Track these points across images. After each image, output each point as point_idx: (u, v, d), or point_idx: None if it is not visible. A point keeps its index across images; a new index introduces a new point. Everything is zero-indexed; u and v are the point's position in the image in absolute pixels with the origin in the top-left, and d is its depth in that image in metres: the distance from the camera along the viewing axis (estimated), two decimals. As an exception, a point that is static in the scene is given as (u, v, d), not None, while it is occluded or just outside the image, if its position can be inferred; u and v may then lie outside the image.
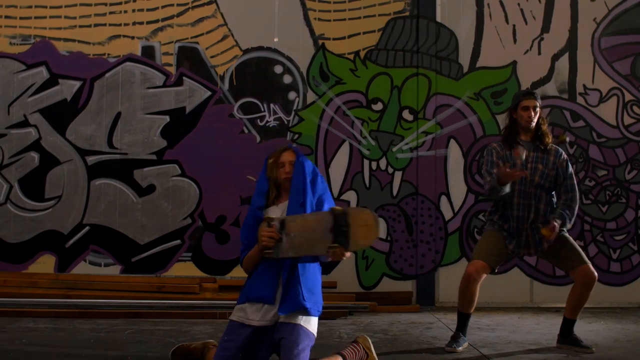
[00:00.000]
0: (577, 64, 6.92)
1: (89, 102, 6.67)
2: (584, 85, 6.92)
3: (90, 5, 6.75)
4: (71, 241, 6.64)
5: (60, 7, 6.74)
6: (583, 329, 5.82)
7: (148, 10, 6.76)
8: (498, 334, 5.56)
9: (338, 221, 3.58)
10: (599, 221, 6.90)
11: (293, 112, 6.76)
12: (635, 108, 6.95)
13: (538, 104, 4.81)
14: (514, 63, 6.88)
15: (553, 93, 6.90)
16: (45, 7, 6.74)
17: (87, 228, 6.66)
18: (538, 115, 4.82)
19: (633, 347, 5.15)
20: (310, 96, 6.77)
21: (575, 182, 4.84)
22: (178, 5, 6.77)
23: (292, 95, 6.78)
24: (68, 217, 6.66)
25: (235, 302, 6.32)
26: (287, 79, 6.78)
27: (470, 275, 4.74)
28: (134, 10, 6.75)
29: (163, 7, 6.76)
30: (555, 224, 4.65)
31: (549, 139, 4.85)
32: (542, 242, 4.76)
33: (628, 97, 6.94)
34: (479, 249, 4.87)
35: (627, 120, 6.94)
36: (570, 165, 4.86)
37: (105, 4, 6.75)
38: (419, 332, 5.63)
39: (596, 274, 4.73)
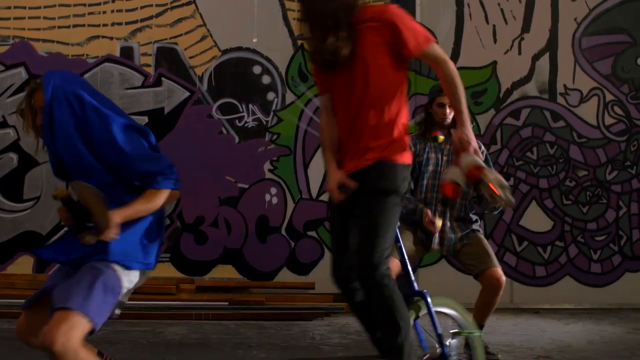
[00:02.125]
0: (558, 64, 6.90)
1: (68, 103, 6.65)
2: (565, 86, 6.89)
3: (69, 6, 6.74)
4: (50, 242, 6.64)
5: (39, 7, 6.73)
6: (559, 330, 5.81)
7: (127, 10, 6.75)
8: (472, 336, 5.53)
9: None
10: (580, 222, 6.88)
11: (272, 113, 6.76)
12: (616, 108, 6.93)
13: None
14: (494, 63, 6.86)
15: (533, 93, 6.88)
16: (24, 7, 6.73)
17: (65, 229, 6.63)
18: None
19: (607, 349, 5.13)
20: (289, 97, 6.76)
21: None
22: (157, 5, 6.76)
23: (270, 95, 6.77)
24: (47, 217, 6.65)
25: (213, 302, 6.34)
26: (266, 80, 6.77)
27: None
28: (112, 11, 6.74)
29: (142, 7, 6.76)
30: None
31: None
32: (457, 241, 4.65)
33: (609, 97, 6.92)
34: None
35: (608, 120, 6.92)
36: (489, 158, 4.82)
37: (84, 5, 6.74)
38: (394, 333, 5.61)
39: (504, 278, 4.50)
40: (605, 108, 6.91)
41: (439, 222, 4.52)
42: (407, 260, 3.49)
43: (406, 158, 3.18)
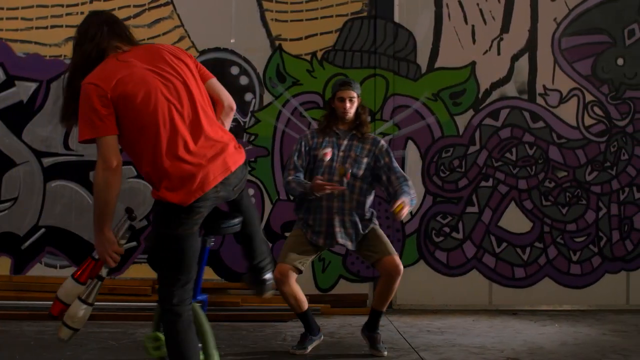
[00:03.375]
0: (537, 65, 6.86)
1: (45, 104, 6.65)
2: (544, 86, 6.86)
3: (47, 6, 6.72)
4: (27, 243, 6.63)
5: (17, 8, 6.72)
6: (535, 332, 5.79)
7: (104, 11, 6.73)
8: (445, 337, 5.52)
9: None
10: (559, 223, 6.84)
11: (249, 114, 6.74)
12: (596, 109, 6.89)
13: (355, 94, 4.83)
14: (473, 63, 6.83)
15: (512, 94, 6.84)
16: (2, 8, 6.72)
17: (43, 230, 6.65)
18: (356, 104, 4.85)
19: (578, 351, 5.11)
20: (267, 97, 6.74)
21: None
22: (134, 6, 6.74)
23: (248, 96, 6.75)
24: (24, 219, 6.65)
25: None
26: (243, 80, 6.75)
27: (276, 280, 4.63)
28: (90, 12, 6.72)
29: (119, 8, 6.73)
30: (404, 199, 4.61)
31: (367, 129, 4.91)
32: (358, 235, 4.78)
33: (589, 97, 6.88)
34: (282, 251, 4.84)
35: (588, 121, 6.88)
36: (391, 153, 4.90)
37: (62, 6, 6.73)
38: (366, 335, 5.59)
39: (402, 266, 4.69)
40: (585, 109, 6.87)
41: (347, 173, 4.66)
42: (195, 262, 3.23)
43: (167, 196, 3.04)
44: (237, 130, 6.71)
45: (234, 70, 6.75)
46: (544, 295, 6.81)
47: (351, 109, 4.82)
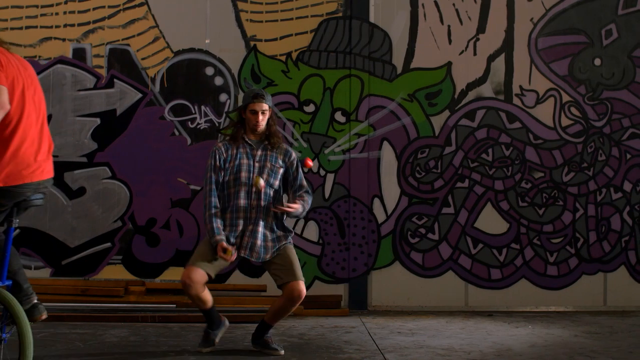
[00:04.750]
0: (514, 65, 6.83)
1: (20, 105, 6.63)
2: (521, 87, 6.83)
3: (21, 7, 6.72)
4: (1, 244, 6.61)
5: (-8, 9, 6.74)
6: (506, 333, 5.76)
7: (79, 12, 6.73)
8: (415, 339, 5.49)
9: None
10: (536, 224, 6.81)
11: (224, 114, 6.72)
12: (572, 109, 6.86)
13: (267, 107, 4.81)
14: (449, 64, 6.80)
15: (489, 94, 6.82)
16: (-23, 9, 6.74)
17: (17, 231, 6.60)
18: (267, 116, 4.84)
19: (545, 353, 5.08)
20: (242, 98, 6.72)
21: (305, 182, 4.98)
22: (109, 7, 6.73)
23: (223, 97, 6.73)
24: (-6, 220, 6.63)
25: (161, 305, 6.33)
26: (218, 81, 6.74)
27: (184, 284, 4.69)
28: (65, 13, 6.72)
29: (94, 9, 6.73)
30: (296, 205, 4.78)
31: (278, 139, 4.89)
32: (267, 249, 4.76)
33: (565, 98, 6.85)
34: (194, 254, 4.82)
35: (565, 121, 6.85)
36: (300, 166, 4.94)
37: (37, 6, 6.72)
38: (336, 336, 5.57)
39: (305, 292, 4.73)
40: (561, 109, 6.84)
41: (231, 256, 4.66)
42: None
43: None
44: (212, 130, 6.70)
45: (209, 71, 6.74)
46: (521, 296, 6.78)
47: (263, 121, 4.81)
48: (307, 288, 6.60)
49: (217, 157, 4.81)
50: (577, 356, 4.95)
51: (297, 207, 4.80)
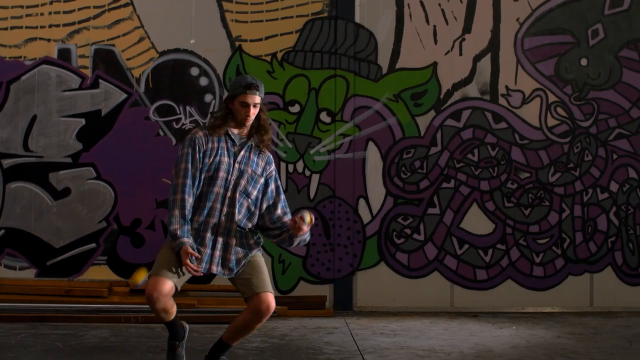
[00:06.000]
0: (500, 65, 6.82)
1: (5, 105, 6.64)
2: (507, 87, 6.81)
3: (6, 7, 6.71)
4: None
5: (-23, 10, 6.74)
6: (489, 334, 5.74)
7: (64, 12, 6.73)
8: (396, 340, 5.47)
9: None
10: (522, 224, 6.79)
11: (209, 115, 6.70)
12: (559, 109, 6.83)
13: (260, 99, 4.02)
14: (435, 64, 6.79)
15: (474, 94, 6.80)
16: (-38, 10, 6.74)
17: (2, 231, 6.63)
18: (258, 109, 4.06)
19: (526, 354, 5.06)
20: (227, 98, 6.70)
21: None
22: (94, 7, 6.72)
23: (208, 97, 6.72)
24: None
25: (144, 305, 6.29)
26: (203, 81, 6.73)
27: (150, 298, 3.91)
28: (50, 13, 6.72)
29: (79, 9, 6.73)
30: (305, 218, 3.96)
31: (269, 137, 4.11)
32: (239, 262, 4.03)
33: (552, 98, 6.83)
34: (156, 262, 4.02)
35: (551, 121, 6.83)
36: (279, 180, 4.23)
37: (22, 7, 6.71)
38: (317, 337, 5.56)
39: (274, 306, 3.98)
40: (547, 109, 6.82)
41: (198, 267, 3.92)
42: None
43: None
44: (197, 131, 6.68)
45: (194, 71, 6.73)
46: (506, 297, 6.76)
47: (253, 115, 4.04)
48: (292, 289, 6.71)
49: (198, 148, 3.99)
50: (557, 357, 4.93)
51: (305, 228, 4.02)
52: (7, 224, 6.63)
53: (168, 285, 3.91)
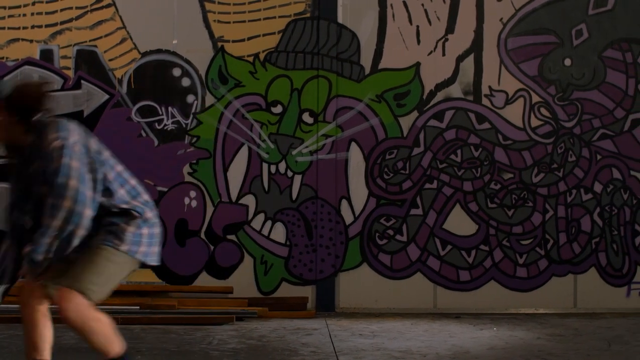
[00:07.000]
0: (483, 65, 6.79)
1: (-12, 106, 6.63)
2: (490, 87, 6.78)
3: (-11, 9, 6.73)
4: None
5: (-41, 11, 6.73)
6: (469, 336, 5.73)
7: (47, 13, 6.72)
8: (374, 341, 5.46)
9: None
10: (505, 225, 6.76)
11: (191, 116, 6.70)
12: (542, 110, 6.81)
13: None
14: (418, 64, 6.76)
15: (458, 95, 6.77)
16: (-55, 11, 6.74)
17: (-16, 232, 6.62)
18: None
19: (503, 355, 5.06)
20: (209, 99, 6.70)
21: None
22: (77, 8, 6.71)
23: (190, 98, 6.71)
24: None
25: (124, 307, 6.30)
26: (185, 82, 6.72)
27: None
28: (32, 14, 6.71)
29: (62, 10, 6.72)
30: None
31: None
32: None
33: (535, 98, 6.80)
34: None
35: (534, 122, 6.80)
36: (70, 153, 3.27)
37: (4, 8, 6.70)
38: (295, 338, 5.55)
39: (72, 303, 3.37)
40: (531, 110, 6.79)
41: None
42: None
43: None
44: (179, 132, 6.68)
45: (176, 72, 6.72)
46: (490, 298, 6.74)
47: None
48: (274, 290, 6.69)
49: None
50: (533, 358, 4.91)
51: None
52: (-10, 225, 6.63)
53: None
